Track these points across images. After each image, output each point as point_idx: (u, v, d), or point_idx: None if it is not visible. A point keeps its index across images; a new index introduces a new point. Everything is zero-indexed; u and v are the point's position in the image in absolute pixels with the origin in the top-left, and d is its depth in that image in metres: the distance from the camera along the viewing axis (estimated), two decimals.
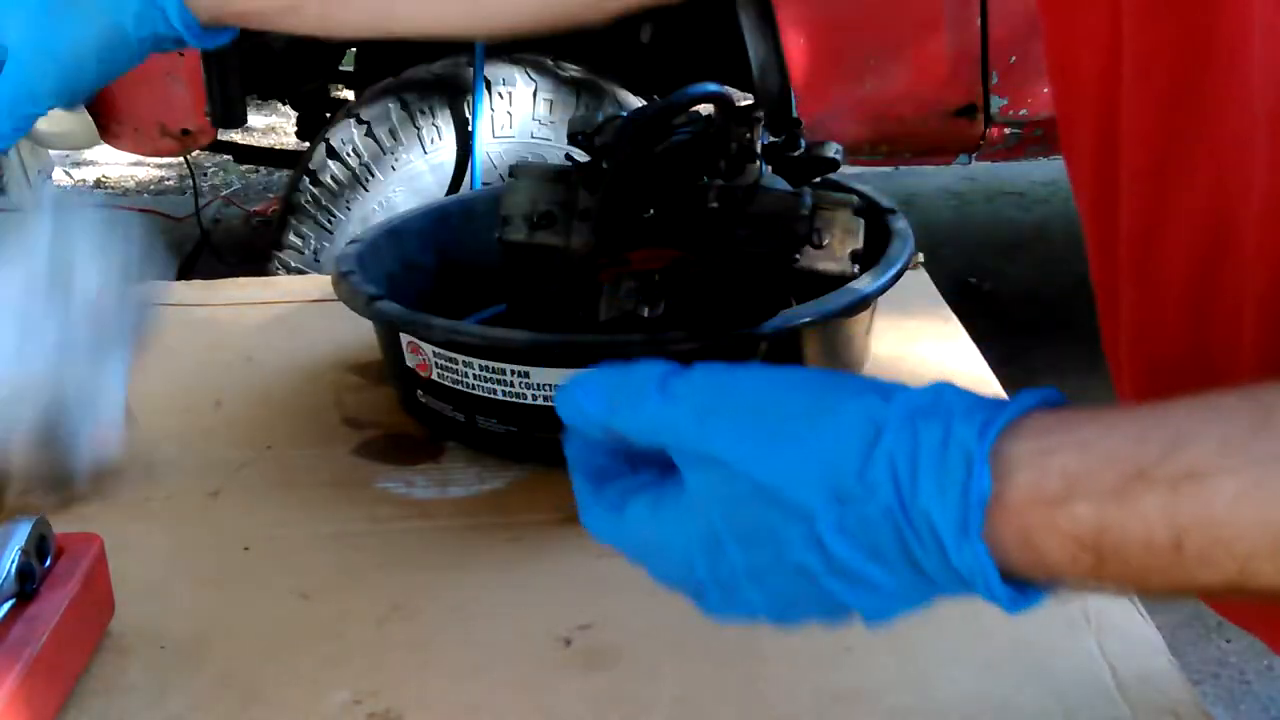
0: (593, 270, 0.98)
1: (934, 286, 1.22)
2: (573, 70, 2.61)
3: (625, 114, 1.02)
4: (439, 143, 2.54)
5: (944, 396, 0.44)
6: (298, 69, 3.30)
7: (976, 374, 1.06)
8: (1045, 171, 4.62)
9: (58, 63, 0.76)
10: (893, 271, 0.95)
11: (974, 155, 2.70)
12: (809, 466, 0.45)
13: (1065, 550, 0.42)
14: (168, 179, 5.16)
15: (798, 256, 0.95)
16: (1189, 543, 0.40)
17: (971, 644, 0.74)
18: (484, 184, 2.51)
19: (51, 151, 4.70)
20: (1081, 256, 0.67)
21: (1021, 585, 0.44)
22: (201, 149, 2.92)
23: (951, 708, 0.69)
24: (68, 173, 5.22)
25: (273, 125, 5.58)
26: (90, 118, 2.59)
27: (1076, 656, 0.72)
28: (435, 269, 1.14)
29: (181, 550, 0.87)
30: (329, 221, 2.58)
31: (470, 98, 2.50)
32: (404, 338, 0.95)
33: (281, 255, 2.62)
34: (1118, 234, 0.59)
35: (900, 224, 1.03)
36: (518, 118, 2.55)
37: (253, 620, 0.79)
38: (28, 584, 0.72)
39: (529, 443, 0.93)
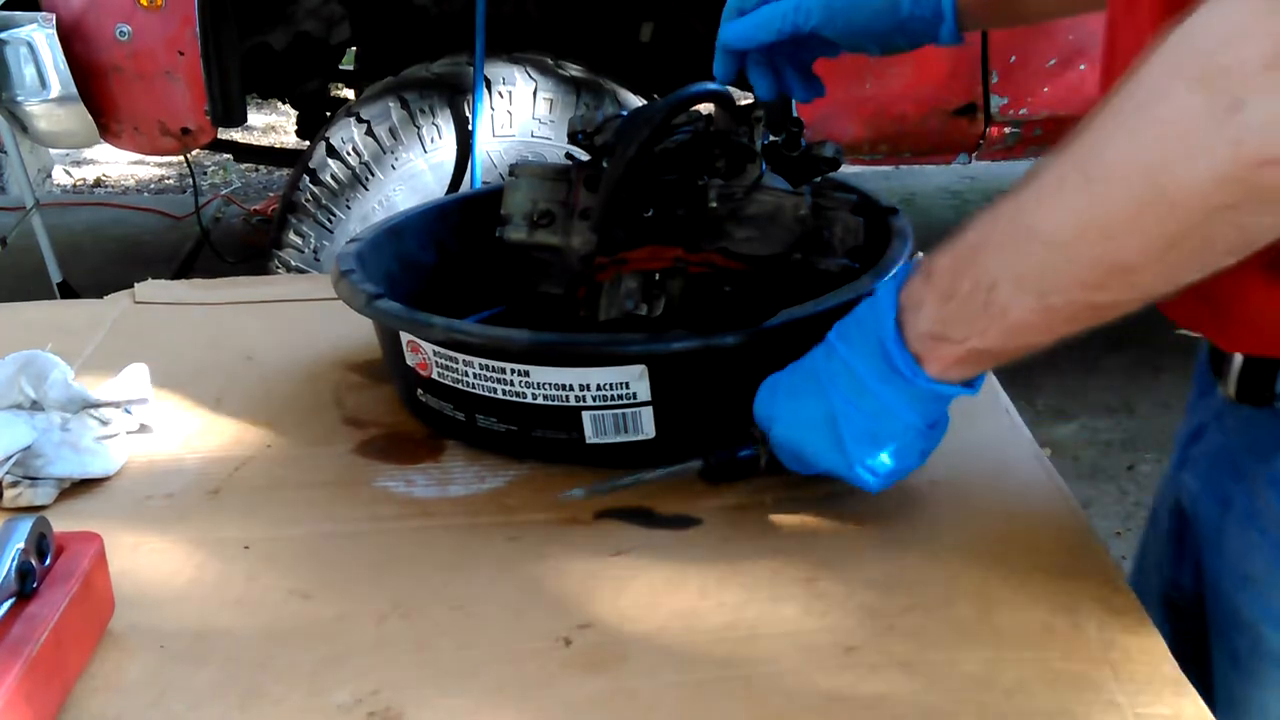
0: (593, 269, 0.98)
1: None
2: (573, 70, 2.61)
3: (625, 113, 1.02)
4: (439, 142, 2.54)
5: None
6: (298, 68, 3.30)
7: None
8: None
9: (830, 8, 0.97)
10: (893, 270, 0.95)
11: (974, 154, 2.70)
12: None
13: (919, 288, 0.75)
14: (168, 178, 5.16)
15: (797, 255, 0.95)
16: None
17: (972, 644, 0.74)
18: (484, 183, 2.51)
19: (52, 150, 4.70)
20: None
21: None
22: (201, 148, 2.92)
23: (954, 707, 0.69)
24: (68, 171, 5.22)
25: (273, 124, 5.59)
26: (90, 117, 2.59)
27: (1081, 663, 0.72)
28: (435, 267, 1.14)
29: (181, 550, 0.87)
30: (329, 220, 2.59)
31: (470, 97, 2.50)
32: (404, 336, 0.95)
33: (281, 254, 2.62)
34: None
35: (900, 223, 1.03)
36: (518, 117, 2.55)
37: (253, 620, 0.79)
38: (27, 582, 0.72)
39: (529, 441, 0.93)
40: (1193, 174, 0.61)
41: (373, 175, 2.56)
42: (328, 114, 3.30)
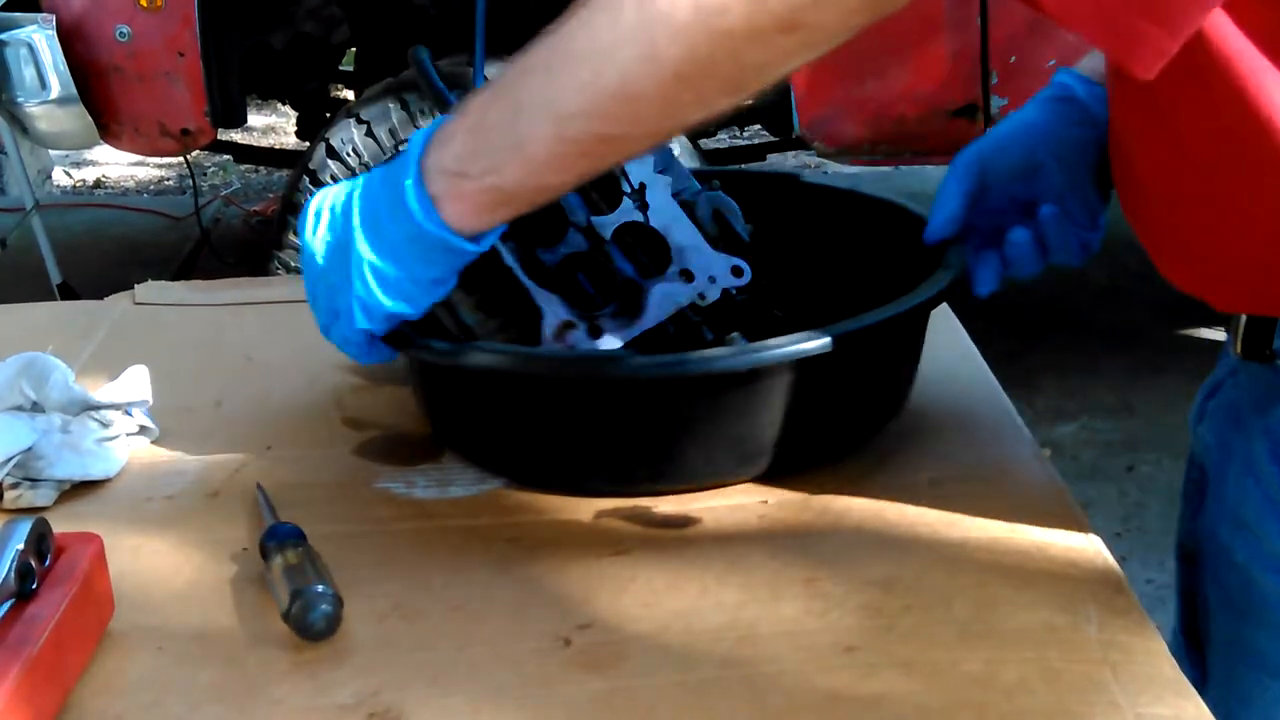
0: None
1: None
2: None
3: None
4: None
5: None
6: (298, 69, 3.31)
7: (977, 373, 1.06)
8: None
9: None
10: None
11: None
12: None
13: (449, 126, 0.73)
14: (168, 179, 5.16)
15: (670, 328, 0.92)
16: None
17: (973, 644, 0.74)
18: None
19: (52, 152, 4.71)
20: None
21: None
22: (201, 149, 2.92)
23: (954, 707, 0.69)
24: (68, 173, 5.22)
25: (272, 125, 5.59)
26: (90, 117, 2.59)
27: (1081, 663, 0.72)
28: None
29: (181, 550, 0.87)
30: None
31: None
32: None
33: (281, 255, 2.62)
34: None
35: (954, 258, 0.94)
36: None
37: (253, 621, 0.79)
38: (27, 583, 0.72)
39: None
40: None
41: None
42: (327, 115, 3.30)
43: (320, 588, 0.76)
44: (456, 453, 0.95)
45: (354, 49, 3.50)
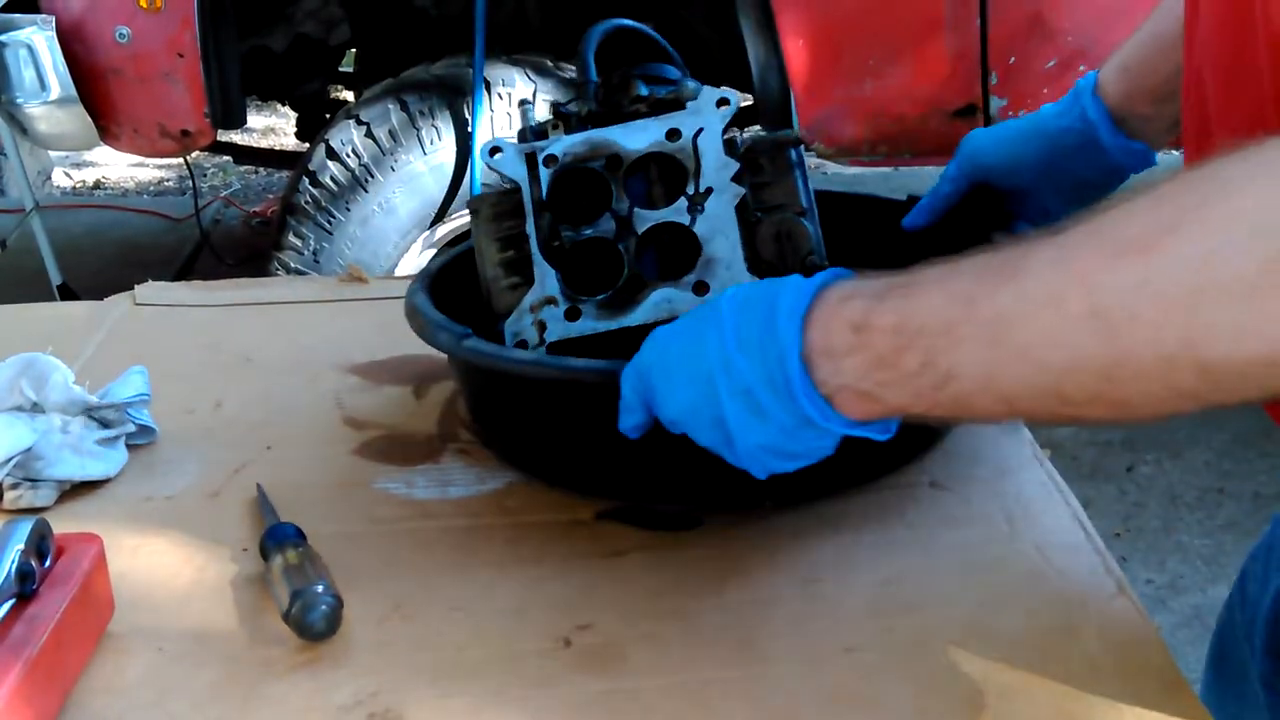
0: None
1: None
2: (572, 71, 2.61)
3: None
4: (438, 144, 2.54)
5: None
6: (297, 70, 3.30)
7: None
8: None
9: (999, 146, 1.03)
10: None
11: None
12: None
13: (843, 335, 0.64)
14: (167, 180, 5.16)
15: None
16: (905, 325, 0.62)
17: (973, 644, 0.74)
18: (483, 185, 2.51)
19: (52, 153, 4.70)
20: None
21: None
22: (201, 150, 2.92)
23: (953, 707, 0.69)
24: (68, 174, 5.22)
25: (272, 126, 5.59)
26: (90, 119, 2.59)
27: (1082, 663, 0.72)
28: None
29: (182, 550, 0.87)
30: (328, 222, 2.58)
31: (470, 99, 2.50)
32: None
33: (281, 256, 2.62)
34: None
35: None
36: (517, 119, 2.55)
37: (252, 621, 0.79)
38: (27, 583, 0.72)
39: None
40: (1237, 351, 0.53)
41: (372, 177, 2.56)
42: (327, 116, 3.30)
43: (320, 588, 0.76)
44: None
45: (354, 50, 3.50)
